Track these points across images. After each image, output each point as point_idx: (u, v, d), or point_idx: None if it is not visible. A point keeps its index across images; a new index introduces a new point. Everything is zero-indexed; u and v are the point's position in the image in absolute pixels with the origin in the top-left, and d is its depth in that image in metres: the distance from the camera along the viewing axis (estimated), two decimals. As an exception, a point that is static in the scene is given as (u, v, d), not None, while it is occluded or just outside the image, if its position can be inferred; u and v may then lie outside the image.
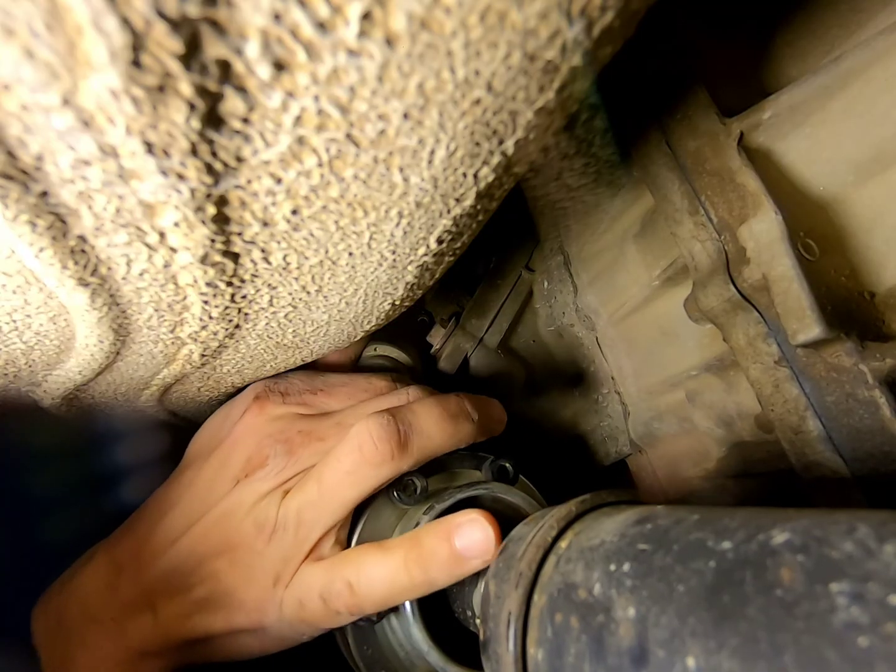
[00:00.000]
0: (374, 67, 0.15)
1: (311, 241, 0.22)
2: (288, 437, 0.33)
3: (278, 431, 0.34)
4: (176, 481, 0.35)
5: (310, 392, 0.37)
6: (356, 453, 0.30)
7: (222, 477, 0.33)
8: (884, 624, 0.11)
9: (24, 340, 0.24)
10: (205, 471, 0.34)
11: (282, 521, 0.31)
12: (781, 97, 0.27)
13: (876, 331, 0.25)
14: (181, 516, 0.33)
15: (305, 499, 0.31)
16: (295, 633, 0.32)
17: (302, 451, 0.33)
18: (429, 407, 0.33)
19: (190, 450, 0.38)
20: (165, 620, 0.30)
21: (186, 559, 0.31)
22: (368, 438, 0.30)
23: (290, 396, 0.36)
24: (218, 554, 0.31)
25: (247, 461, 0.33)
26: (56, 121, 0.14)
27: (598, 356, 0.43)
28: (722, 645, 0.14)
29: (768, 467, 0.31)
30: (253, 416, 0.35)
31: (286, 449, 0.33)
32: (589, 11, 0.16)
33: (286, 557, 0.31)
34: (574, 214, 0.41)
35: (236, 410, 0.36)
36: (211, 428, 0.37)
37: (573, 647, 0.18)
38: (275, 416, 0.35)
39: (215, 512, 0.32)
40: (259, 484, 0.32)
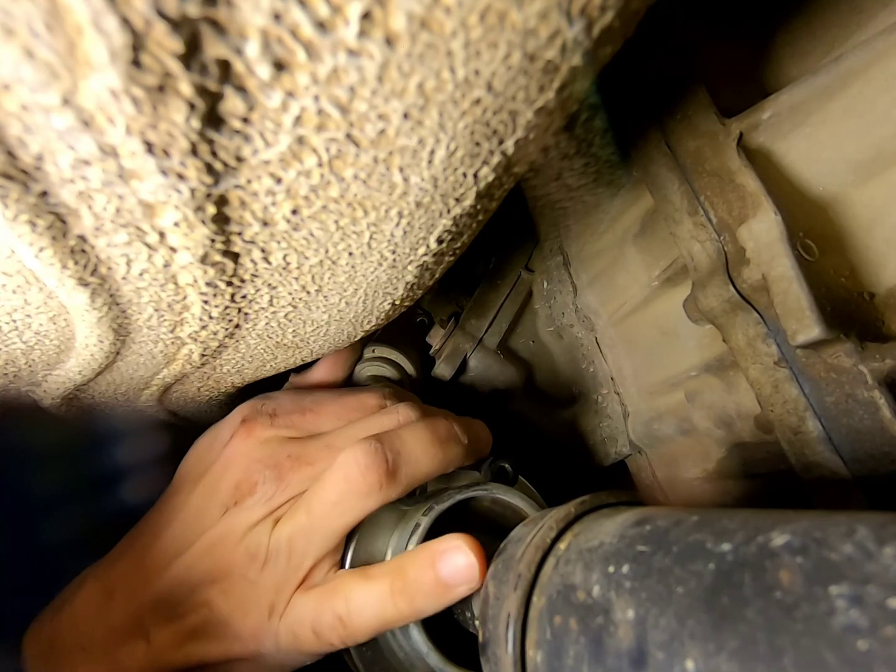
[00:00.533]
0: (374, 67, 0.15)
1: (311, 241, 0.22)
2: (277, 462, 0.33)
3: (267, 456, 0.33)
4: (165, 506, 0.35)
5: (298, 413, 0.36)
6: (342, 483, 0.30)
7: (212, 504, 0.33)
8: (883, 627, 0.11)
9: (24, 340, 0.24)
10: (194, 497, 0.34)
11: (273, 550, 0.31)
12: (781, 97, 0.27)
13: (875, 331, 0.25)
14: (172, 543, 0.32)
15: (296, 527, 0.31)
16: (293, 661, 0.32)
17: (291, 476, 0.32)
18: (418, 432, 0.32)
19: (179, 473, 0.37)
20: (158, 648, 0.30)
21: (179, 586, 0.31)
22: (355, 468, 0.30)
23: (278, 418, 0.35)
24: (211, 582, 0.31)
25: (236, 488, 0.32)
26: (56, 121, 0.14)
27: (598, 356, 0.43)
28: (721, 647, 0.14)
29: (768, 468, 0.31)
30: (241, 440, 0.34)
31: (275, 475, 0.32)
32: (589, 11, 0.16)
33: (279, 586, 0.31)
34: (574, 214, 0.41)
35: (224, 433, 0.35)
36: (199, 451, 0.37)
37: (572, 648, 0.18)
38: (263, 439, 0.34)
39: (206, 539, 0.32)
40: (249, 512, 0.32)
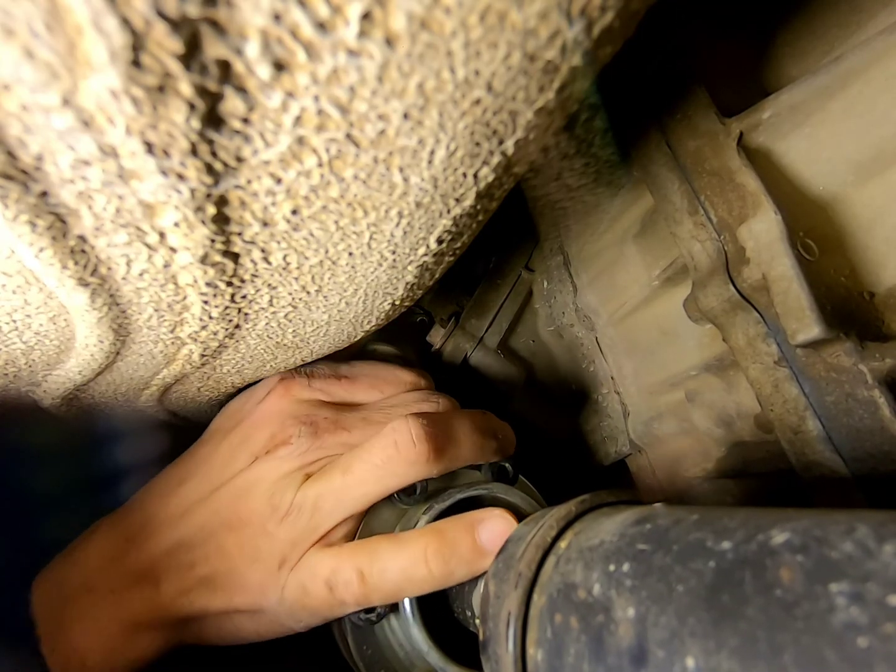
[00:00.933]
0: (374, 67, 0.15)
1: (311, 241, 0.22)
2: (314, 421, 0.33)
3: (304, 414, 0.34)
4: (191, 456, 0.35)
5: (334, 378, 0.37)
6: (391, 448, 0.30)
7: (242, 452, 0.33)
8: (883, 624, 0.11)
9: (24, 340, 0.24)
10: (224, 445, 0.34)
11: (297, 505, 0.31)
12: (781, 97, 0.27)
13: (875, 331, 0.25)
14: (195, 489, 0.33)
15: (328, 486, 0.31)
16: (292, 620, 0.31)
17: (327, 437, 0.33)
18: (463, 418, 0.33)
19: (209, 429, 0.37)
20: (165, 594, 0.30)
21: (196, 533, 0.31)
22: (408, 436, 0.30)
23: (315, 380, 0.36)
24: (228, 530, 0.31)
25: (270, 438, 0.33)
26: (56, 121, 0.14)
27: (598, 356, 0.43)
28: (721, 645, 0.14)
29: (768, 467, 0.31)
30: (278, 396, 0.35)
31: (311, 431, 0.33)
32: (589, 11, 0.16)
33: (295, 541, 0.30)
34: (574, 214, 0.41)
35: (260, 391, 0.36)
36: (232, 408, 0.37)
37: (573, 647, 0.18)
38: (300, 398, 0.35)
39: (231, 486, 0.32)
40: (280, 462, 0.32)
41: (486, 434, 0.34)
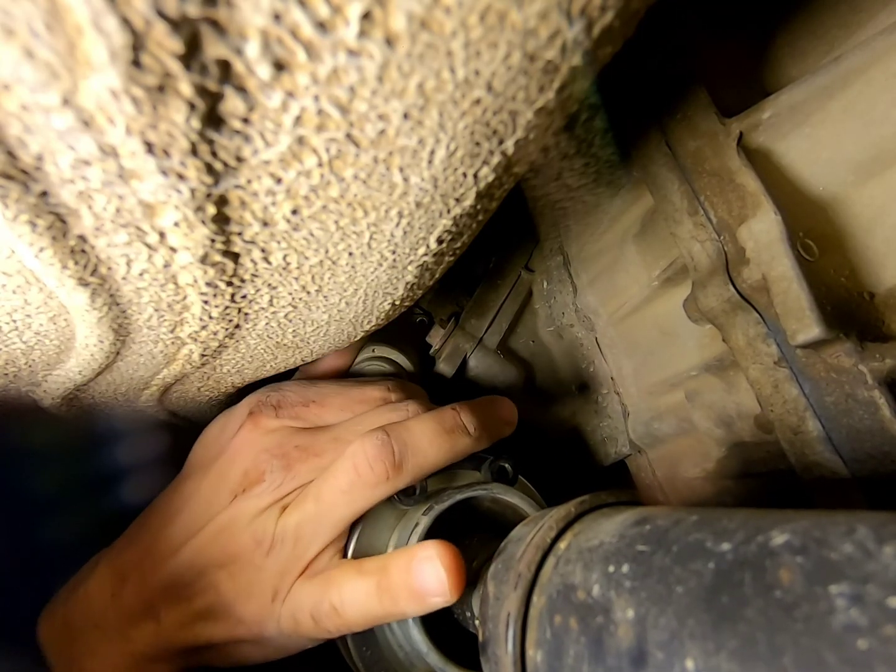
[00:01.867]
0: (374, 67, 0.15)
1: (311, 241, 0.22)
2: (285, 452, 0.33)
3: (275, 446, 0.34)
4: (176, 492, 0.36)
5: (302, 405, 0.36)
6: (352, 473, 0.31)
7: (221, 491, 0.33)
8: (883, 626, 0.11)
9: (24, 340, 0.24)
10: (204, 484, 0.34)
11: (279, 536, 0.31)
12: (781, 97, 0.27)
13: (876, 331, 0.25)
14: (182, 528, 0.33)
15: (303, 515, 0.31)
16: (295, 645, 0.32)
17: (299, 466, 0.33)
18: (424, 423, 0.33)
19: (189, 462, 0.38)
20: (168, 628, 0.31)
21: (188, 569, 0.32)
22: (363, 458, 0.30)
23: (283, 409, 0.36)
24: (218, 566, 0.32)
25: (244, 476, 0.33)
26: (56, 121, 0.14)
27: (598, 356, 0.43)
28: (721, 646, 0.14)
29: (768, 468, 0.30)
30: (248, 430, 0.35)
31: (283, 464, 0.33)
32: (589, 11, 0.16)
33: (283, 572, 0.31)
34: (574, 214, 0.41)
35: (232, 424, 0.36)
36: (208, 440, 0.38)
37: (572, 648, 0.18)
38: (270, 429, 0.35)
39: (214, 525, 0.32)
40: (257, 500, 0.32)
41: (455, 433, 0.33)
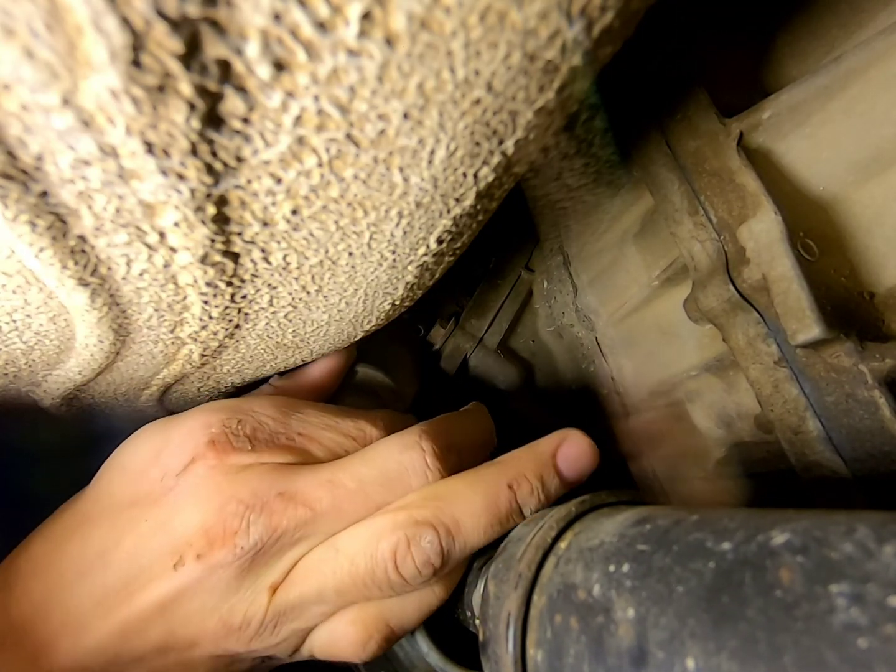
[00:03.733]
0: (374, 67, 0.15)
1: (311, 241, 0.22)
2: (264, 503, 0.24)
3: (249, 494, 0.24)
4: (79, 536, 0.25)
5: (285, 437, 0.27)
6: (381, 573, 0.24)
7: (157, 550, 0.24)
8: (883, 625, 0.11)
9: (24, 340, 0.24)
10: (130, 538, 0.24)
11: (271, 619, 0.24)
12: (781, 97, 0.27)
13: (876, 331, 0.25)
14: (94, 596, 0.23)
15: (305, 596, 0.24)
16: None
17: (287, 523, 0.24)
18: (474, 505, 0.25)
19: (100, 489, 0.27)
20: None
21: (112, 658, 0.23)
22: (404, 554, 0.24)
23: (260, 442, 0.26)
24: (162, 652, 0.24)
25: (202, 534, 0.23)
26: (56, 121, 0.14)
27: (598, 356, 0.43)
28: (721, 646, 0.14)
29: (768, 467, 0.31)
30: (208, 468, 0.25)
31: (265, 522, 0.23)
32: (589, 11, 0.16)
33: (279, 648, 0.25)
34: (574, 214, 0.41)
35: (178, 452, 0.26)
36: (134, 465, 0.27)
37: (573, 647, 0.18)
38: (240, 467, 0.25)
39: (150, 600, 0.23)
40: (222, 573, 0.23)
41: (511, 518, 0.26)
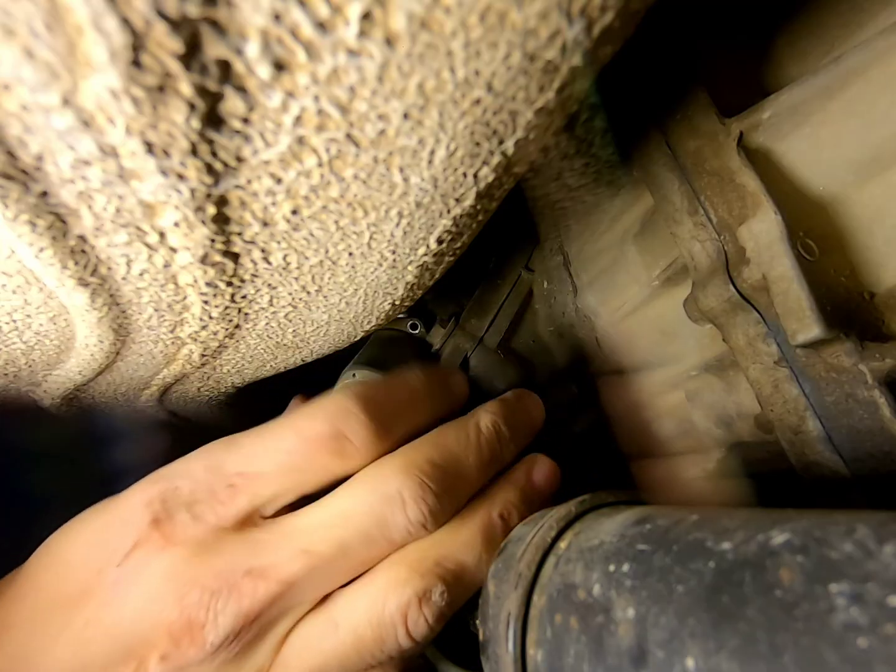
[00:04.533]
0: (374, 67, 0.15)
1: (311, 241, 0.22)
2: (231, 585, 0.21)
3: (213, 577, 0.21)
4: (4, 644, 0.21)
5: (227, 487, 0.23)
6: (391, 641, 0.22)
7: (106, 655, 0.20)
8: (883, 625, 0.11)
9: (24, 340, 0.24)
10: (65, 641, 0.20)
11: None
12: (781, 97, 0.27)
13: (876, 331, 0.25)
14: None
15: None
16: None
17: (261, 605, 0.21)
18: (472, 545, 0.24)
19: (28, 586, 0.23)
20: None
21: None
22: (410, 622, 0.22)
23: (201, 505, 0.22)
24: None
25: (164, 631, 0.20)
26: (56, 121, 0.14)
27: (598, 356, 0.43)
28: (721, 646, 0.14)
29: (768, 467, 0.31)
30: (156, 552, 0.21)
31: (235, 608, 0.20)
32: (589, 11, 0.16)
33: None
34: (574, 214, 0.41)
35: (116, 538, 0.22)
36: (68, 554, 0.23)
37: (573, 647, 0.18)
38: (194, 545, 0.21)
39: None
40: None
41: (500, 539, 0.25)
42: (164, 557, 0.21)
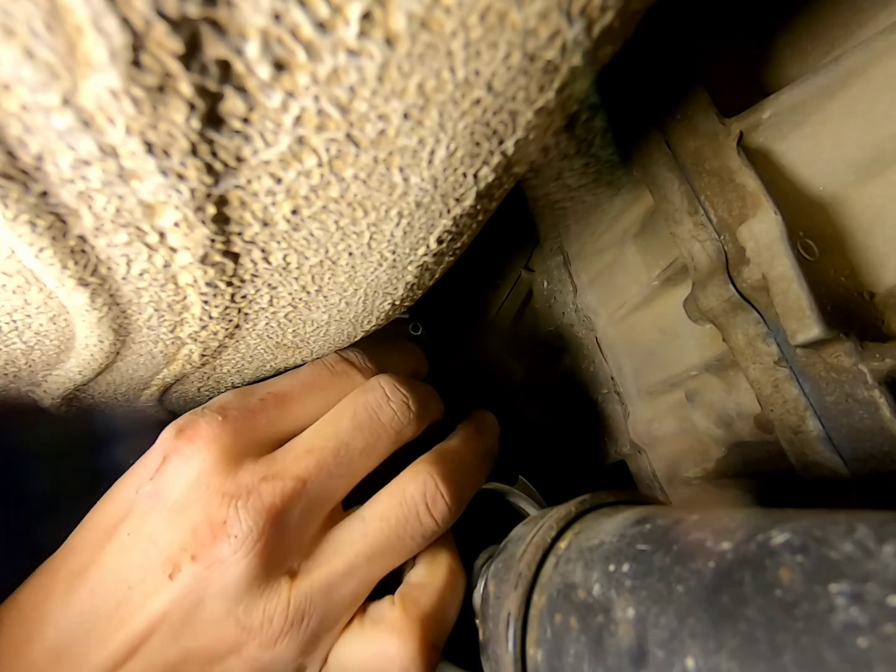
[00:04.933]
0: (374, 67, 0.15)
1: (311, 241, 0.22)
2: (251, 488, 0.22)
3: (234, 485, 0.22)
4: (54, 575, 0.24)
5: (258, 406, 0.26)
6: (413, 520, 0.24)
7: (147, 563, 0.22)
8: (883, 625, 0.11)
9: (23, 340, 0.24)
10: (112, 552, 0.23)
11: (298, 612, 0.22)
12: (781, 97, 0.27)
13: (875, 331, 0.25)
14: (90, 628, 0.22)
15: (332, 576, 0.23)
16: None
17: (280, 501, 0.22)
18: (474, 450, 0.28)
19: (86, 520, 0.26)
20: None
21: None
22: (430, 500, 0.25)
23: (230, 411, 0.25)
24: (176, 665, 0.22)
25: (192, 534, 0.22)
26: (56, 121, 0.14)
27: (598, 356, 0.43)
28: (721, 645, 0.14)
29: (768, 467, 0.31)
30: (181, 460, 0.23)
31: (256, 505, 0.22)
32: (589, 11, 0.16)
33: (309, 648, 0.23)
34: (574, 214, 0.41)
35: (149, 457, 0.25)
36: (115, 487, 0.26)
37: (572, 647, 0.18)
38: (218, 452, 0.23)
39: (150, 619, 0.21)
40: (228, 570, 0.21)
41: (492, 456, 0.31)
42: (191, 465, 0.23)
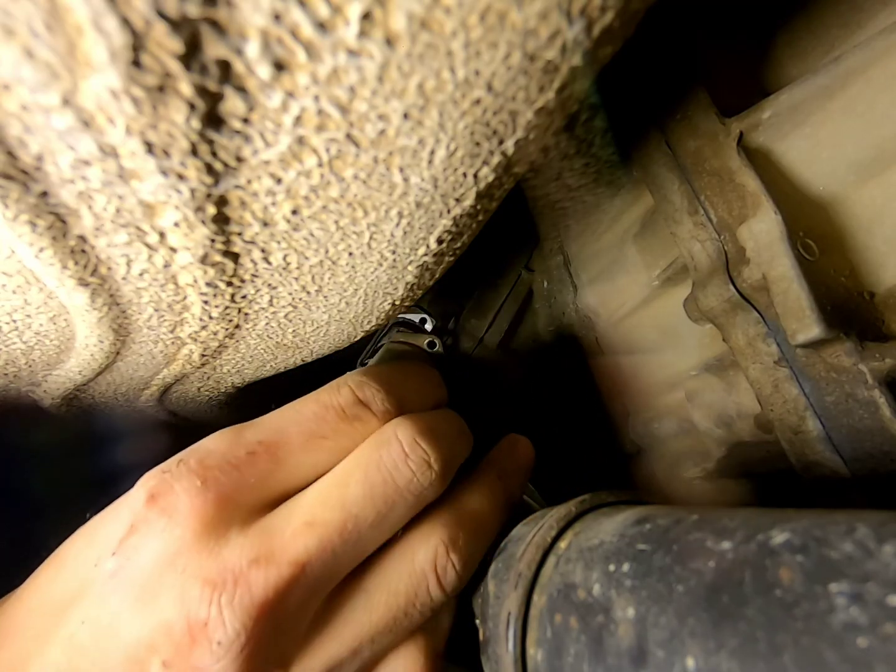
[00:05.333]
0: (374, 67, 0.15)
1: (311, 241, 0.22)
2: (237, 576, 0.18)
3: (217, 568, 0.18)
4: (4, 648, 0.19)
5: (246, 453, 0.21)
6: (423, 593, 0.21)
7: (106, 661, 0.18)
8: (883, 624, 0.11)
9: (24, 340, 0.24)
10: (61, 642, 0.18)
11: None
12: (781, 97, 0.27)
13: (876, 331, 0.25)
14: None
15: (338, 656, 0.20)
16: None
17: (274, 594, 0.18)
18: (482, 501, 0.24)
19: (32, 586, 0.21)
20: None
21: None
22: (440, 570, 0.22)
23: (211, 471, 0.20)
24: None
25: (164, 633, 0.17)
26: (56, 121, 0.14)
27: (598, 356, 0.43)
28: (721, 645, 0.14)
29: (768, 467, 0.31)
30: (154, 534, 0.19)
31: (244, 602, 0.17)
32: (589, 11, 0.16)
33: None
34: (574, 214, 0.41)
35: (112, 523, 0.20)
36: (70, 550, 0.21)
37: (573, 647, 0.18)
38: (200, 522, 0.19)
39: None
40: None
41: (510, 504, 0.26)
42: (164, 541, 0.18)
